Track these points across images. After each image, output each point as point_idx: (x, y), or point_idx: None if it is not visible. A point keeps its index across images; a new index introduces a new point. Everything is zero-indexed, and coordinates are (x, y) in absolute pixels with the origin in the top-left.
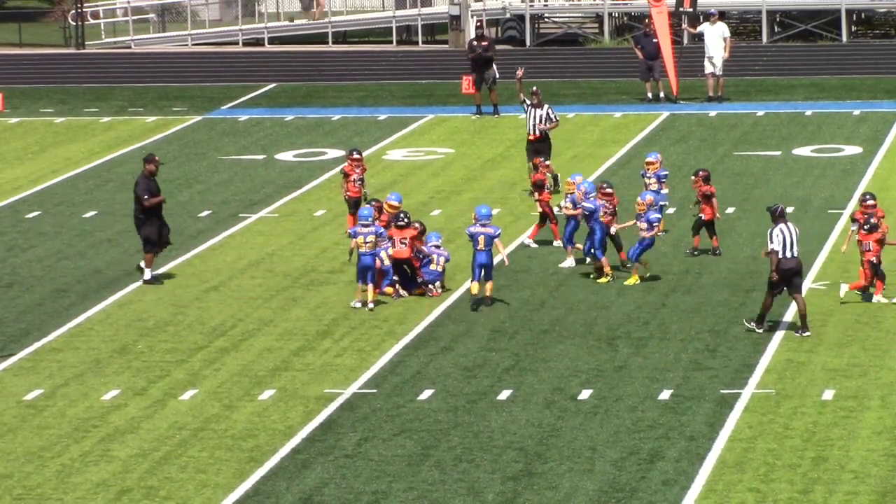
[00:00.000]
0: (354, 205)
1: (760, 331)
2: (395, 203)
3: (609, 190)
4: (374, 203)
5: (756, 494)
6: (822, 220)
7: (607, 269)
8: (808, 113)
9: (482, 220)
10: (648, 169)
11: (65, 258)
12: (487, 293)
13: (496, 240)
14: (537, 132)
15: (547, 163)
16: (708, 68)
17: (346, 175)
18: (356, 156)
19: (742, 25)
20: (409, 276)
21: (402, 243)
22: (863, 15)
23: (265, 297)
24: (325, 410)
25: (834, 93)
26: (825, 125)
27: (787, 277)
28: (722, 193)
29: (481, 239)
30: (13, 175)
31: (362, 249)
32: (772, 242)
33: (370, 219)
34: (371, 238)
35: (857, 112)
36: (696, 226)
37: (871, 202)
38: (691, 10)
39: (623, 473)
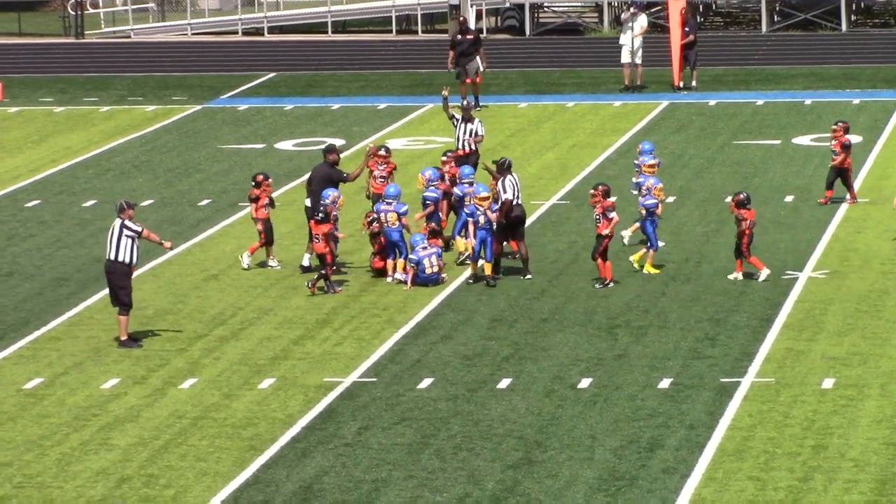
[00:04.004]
0: (377, 201)
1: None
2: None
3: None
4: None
5: (756, 483)
6: (821, 208)
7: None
8: (808, 102)
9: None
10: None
11: (64, 247)
12: (487, 272)
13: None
14: (468, 147)
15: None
16: (625, 58)
17: (370, 172)
18: (383, 153)
19: (742, 14)
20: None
21: (316, 238)
22: (862, 4)
23: (265, 285)
24: (325, 399)
25: (833, 82)
26: (825, 114)
27: (514, 224)
28: (721, 182)
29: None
30: (13, 164)
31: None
32: (505, 192)
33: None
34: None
35: (856, 101)
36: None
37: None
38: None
39: (623, 462)
